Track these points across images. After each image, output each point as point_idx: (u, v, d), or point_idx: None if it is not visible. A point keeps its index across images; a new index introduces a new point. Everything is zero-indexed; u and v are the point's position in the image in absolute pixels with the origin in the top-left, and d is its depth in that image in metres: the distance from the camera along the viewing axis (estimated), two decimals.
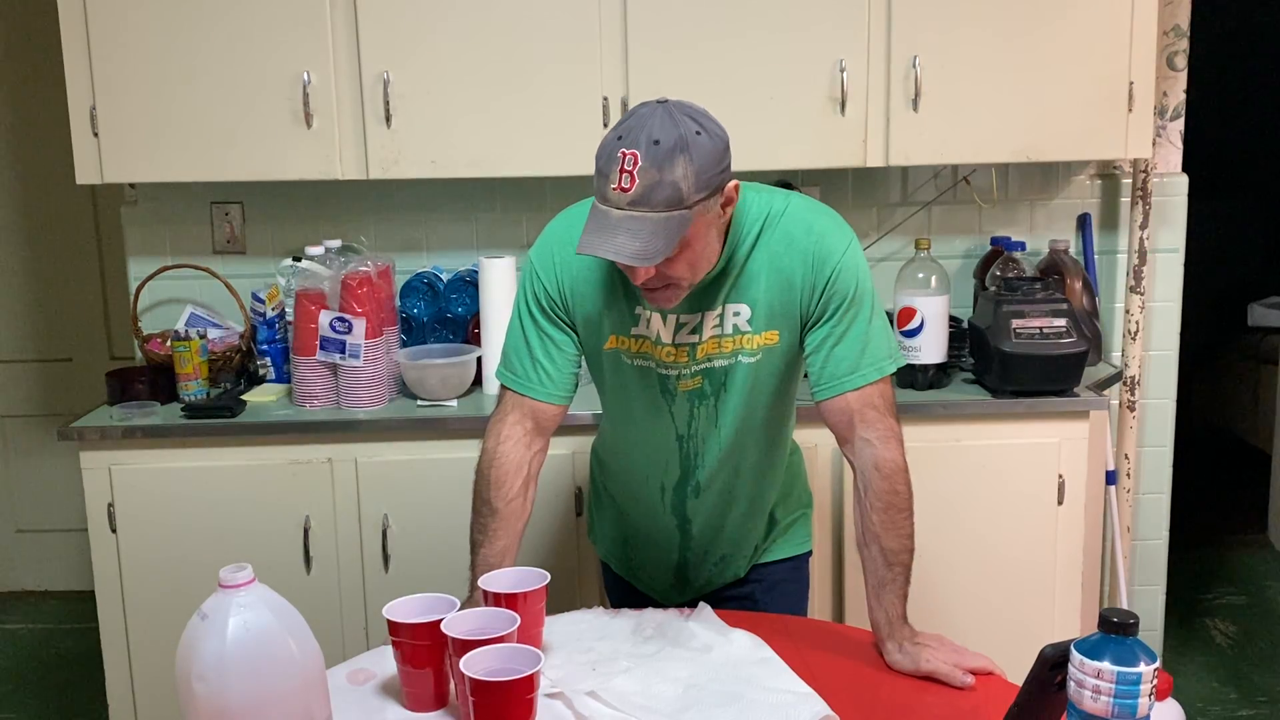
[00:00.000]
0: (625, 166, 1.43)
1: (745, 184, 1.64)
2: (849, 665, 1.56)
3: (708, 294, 1.63)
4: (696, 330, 1.65)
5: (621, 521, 1.92)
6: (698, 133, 1.45)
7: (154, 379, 2.66)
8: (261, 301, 2.78)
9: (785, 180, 2.70)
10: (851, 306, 1.63)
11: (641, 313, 1.66)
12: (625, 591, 1.98)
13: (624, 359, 1.70)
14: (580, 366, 1.75)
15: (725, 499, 1.80)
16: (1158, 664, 1.12)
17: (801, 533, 1.96)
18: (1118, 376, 2.93)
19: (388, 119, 2.56)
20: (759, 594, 1.91)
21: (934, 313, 2.57)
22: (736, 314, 1.65)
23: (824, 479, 2.50)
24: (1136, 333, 2.96)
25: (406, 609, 1.41)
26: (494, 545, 1.70)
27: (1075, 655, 1.12)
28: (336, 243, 2.71)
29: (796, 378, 1.78)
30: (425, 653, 1.38)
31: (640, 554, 1.91)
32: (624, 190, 1.43)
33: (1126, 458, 3.01)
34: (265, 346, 2.79)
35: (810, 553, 1.98)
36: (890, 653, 1.56)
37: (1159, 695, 1.82)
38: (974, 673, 1.50)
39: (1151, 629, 3.15)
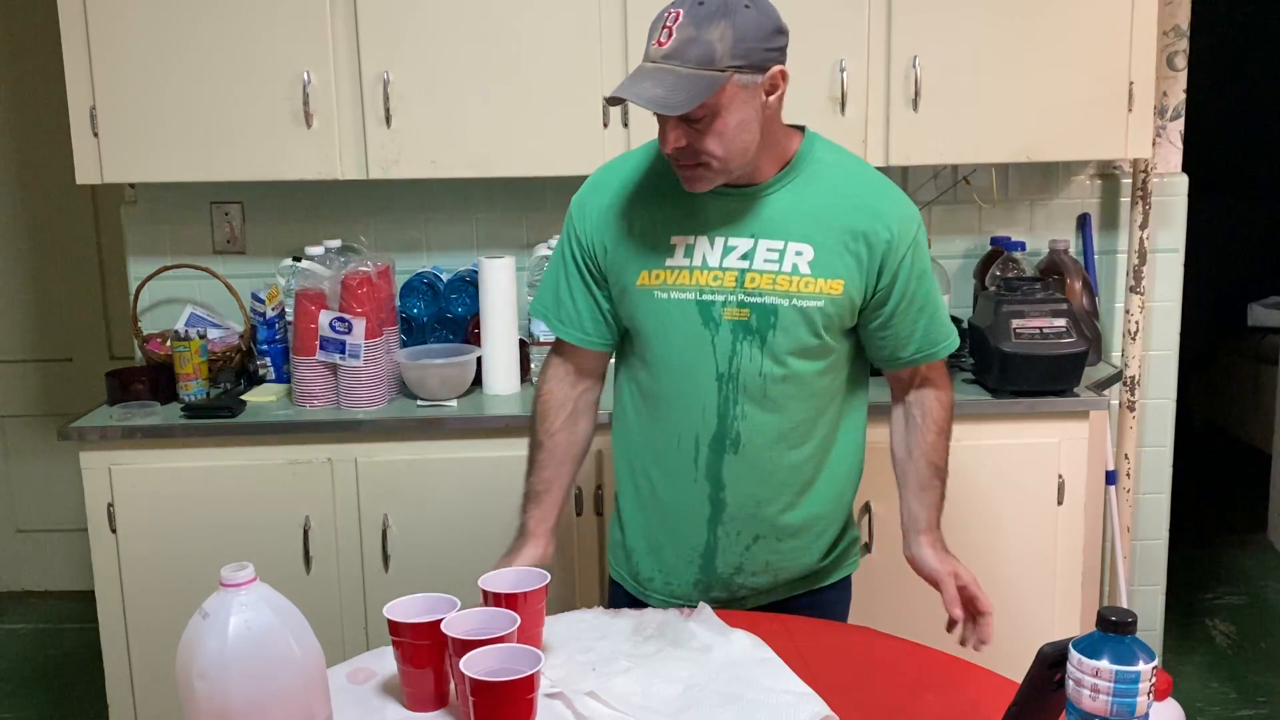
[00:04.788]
0: (667, 23, 1.49)
1: (816, 133, 1.71)
2: (849, 665, 1.56)
3: (760, 218, 1.63)
4: (748, 256, 1.63)
5: (647, 510, 1.80)
6: (746, 6, 1.50)
7: (154, 379, 2.66)
8: (261, 301, 2.78)
9: None
10: (927, 277, 1.71)
11: (679, 241, 1.65)
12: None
13: (657, 295, 1.67)
14: (612, 318, 1.76)
15: (766, 465, 1.71)
16: (1156, 663, 1.12)
17: (852, 552, 1.88)
18: (1118, 376, 2.93)
19: (388, 119, 2.56)
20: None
21: None
22: (799, 253, 1.62)
23: None
24: (1136, 333, 2.96)
25: (407, 609, 1.41)
26: (540, 475, 1.78)
27: (1073, 654, 1.12)
28: (336, 243, 2.71)
29: (855, 349, 1.74)
30: (425, 653, 1.38)
31: (665, 546, 1.79)
32: (660, 45, 1.49)
33: (1126, 458, 3.01)
34: (265, 346, 2.79)
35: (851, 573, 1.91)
36: (920, 545, 1.68)
37: (1158, 695, 1.82)
38: (973, 619, 1.69)
39: (1151, 629, 3.15)
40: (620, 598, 1.90)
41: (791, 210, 1.63)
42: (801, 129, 1.71)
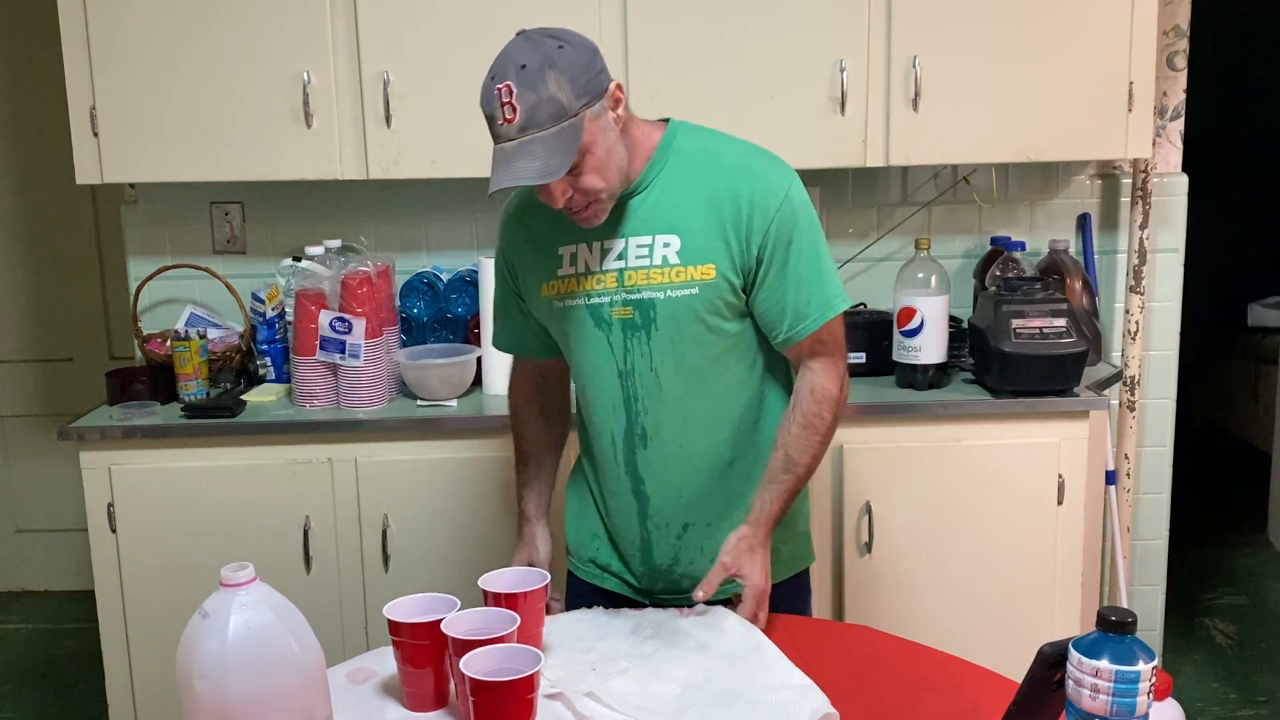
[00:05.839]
0: (504, 99, 1.51)
1: (682, 122, 1.71)
2: (849, 664, 1.56)
3: (631, 217, 1.66)
4: (622, 256, 1.67)
5: (599, 506, 1.85)
6: (560, 47, 1.54)
7: (154, 379, 2.66)
8: (261, 301, 2.78)
9: None
10: (796, 247, 1.65)
11: (564, 252, 1.70)
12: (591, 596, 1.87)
13: (556, 304, 1.73)
14: (541, 329, 1.82)
15: (677, 455, 1.73)
16: (1156, 662, 1.12)
17: (801, 550, 1.87)
18: (1118, 376, 2.93)
19: (388, 119, 2.56)
20: None
21: (934, 313, 2.57)
22: (667, 244, 1.65)
23: (823, 480, 2.50)
24: (1136, 333, 2.96)
25: (407, 609, 1.41)
26: (526, 466, 1.90)
27: (1073, 654, 1.12)
28: (336, 243, 2.71)
29: (748, 328, 1.72)
30: (425, 653, 1.38)
31: (615, 541, 1.84)
32: (510, 121, 1.51)
33: (1126, 458, 3.01)
34: (265, 346, 2.79)
35: (808, 566, 1.90)
36: (736, 534, 1.66)
37: (1158, 695, 1.82)
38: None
39: (1151, 629, 3.15)
40: (580, 589, 1.90)
41: (657, 205, 1.66)
42: (666, 121, 1.73)
